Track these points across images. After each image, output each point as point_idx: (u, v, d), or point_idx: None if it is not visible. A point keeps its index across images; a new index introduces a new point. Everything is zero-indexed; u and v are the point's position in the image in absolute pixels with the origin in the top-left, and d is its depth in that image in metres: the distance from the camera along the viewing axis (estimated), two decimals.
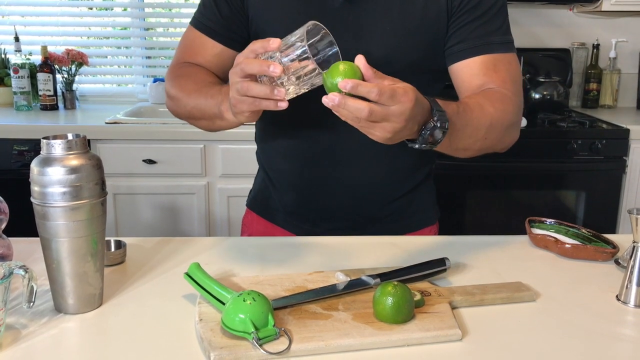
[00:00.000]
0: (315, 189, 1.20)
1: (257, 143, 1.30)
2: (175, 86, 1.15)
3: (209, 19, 1.16)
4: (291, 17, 1.08)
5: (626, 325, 0.85)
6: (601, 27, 2.95)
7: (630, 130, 2.45)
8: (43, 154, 0.80)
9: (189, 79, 1.14)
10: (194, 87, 1.10)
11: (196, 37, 1.18)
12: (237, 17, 1.15)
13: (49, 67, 2.63)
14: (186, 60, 1.19)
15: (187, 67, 1.17)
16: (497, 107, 1.02)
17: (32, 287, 0.79)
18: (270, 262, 1.04)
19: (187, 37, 1.21)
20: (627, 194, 2.50)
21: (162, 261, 1.03)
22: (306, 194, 1.21)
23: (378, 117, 0.78)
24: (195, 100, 1.09)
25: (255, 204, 1.32)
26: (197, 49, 1.18)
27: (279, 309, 0.81)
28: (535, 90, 2.73)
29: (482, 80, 1.08)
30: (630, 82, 3.00)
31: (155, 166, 2.32)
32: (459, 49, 1.09)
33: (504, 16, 1.11)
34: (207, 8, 1.17)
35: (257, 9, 1.13)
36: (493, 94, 1.05)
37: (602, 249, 1.06)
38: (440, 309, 0.83)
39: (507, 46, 1.10)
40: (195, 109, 1.09)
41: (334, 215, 1.22)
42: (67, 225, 0.80)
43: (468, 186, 2.48)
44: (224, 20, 1.15)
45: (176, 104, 1.15)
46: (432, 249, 1.08)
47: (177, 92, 1.14)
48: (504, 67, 1.09)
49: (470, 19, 1.08)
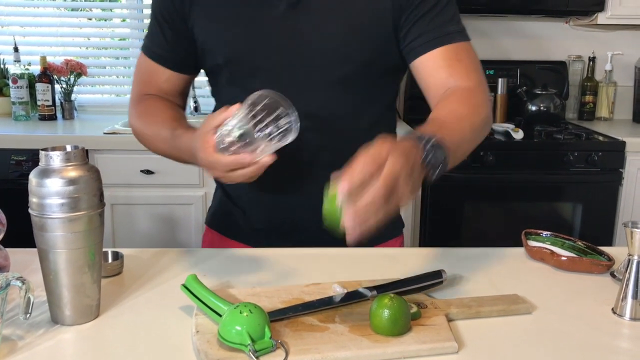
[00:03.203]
0: (277, 204, 1.18)
1: None
2: (141, 127, 1.18)
3: (156, 45, 1.17)
4: (235, 30, 1.09)
5: (622, 338, 0.85)
6: (597, 40, 2.98)
7: (627, 142, 2.47)
8: (41, 166, 0.81)
9: (152, 120, 1.15)
10: (160, 136, 1.12)
11: (148, 64, 1.19)
12: (181, 40, 1.15)
13: (47, 77, 2.64)
14: (144, 92, 1.20)
15: (147, 103, 1.18)
16: (471, 110, 1.01)
17: (29, 299, 0.79)
18: (267, 273, 1.04)
19: (139, 65, 1.22)
20: (623, 206, 2.51)
21: (159, 272, 1.03)
22: (268, 209, 1.20)
23: (389, 183, 0.73)
24: (162, 147, 1.13)
25: (214, 222, 1.31)
26: (149, 77, 1.19)
27: (275, 321, 0.81)
28: (532, 102, 2.74)
29: (447, 72, 1.06)
30: (626, 95, 3.02)
31: (153, 177, 2.32)
32: (418, 44, 1.07)
33: (454, 5, 1.11)
34: (153, 34, 1.17)
35: (200, 26, 1.12)
36: (461, 95, 1.04)
37: (598, 261, 1.06)
38: (437, 321, 0.84)
39: (464, 34, 1.10)
40: (166, 153, 1.14)
41: (297, 229, 1.18)
42: (65, 236, 0.80)
43: (464, 198, 2.49)
44: (169, 45, 1.16)
45: (146, 144, 1.19)
46: (428, 261, 1.09)
47: (144, 133, 1.17)
48: (465, 56, 1.09)
49: (424, 11, 1.07)
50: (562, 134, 2.50)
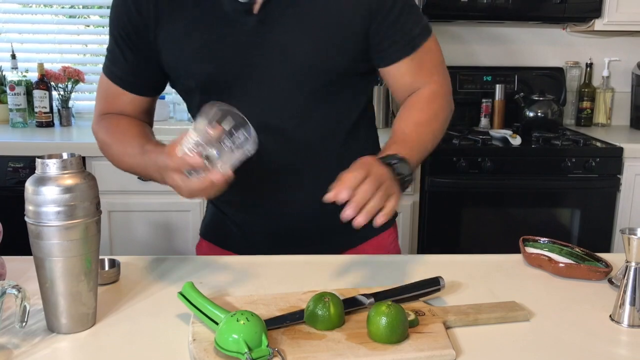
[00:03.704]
0: (267, 214, 1.18)
1: None
2: (108, 142, 1.17)
3: (117, 67, 1.15)
4: (205, 53, 1.07)
5: (620, 345, 0.85)
6: (594, 46, 2.98)
7: (624, 148, 2.47)
8: (38, 174, 0.80)
9: (119, 138, 1.14)
10: (127, 152, 1.12)
11: (109, 86, 1.17)
12: (144, 62, 1.13)
13: (45, 84, 2.64)
14: (105, 111, 1.18)
15: (113, 120, 1.17)
16: (431, 117, 1.13)
17: (25, 307, 0.78)
18: (264, 281, 1.03)
19: (101, 85, 1.19)
20: (621, 212, 2.51)
21: (156, 280, 1.03)
22: (259, 219, 1.19)
23: (375, 182, 0.88)
24: (129, 162, 1.13)
25: (208, 233, 1.31)
26: (112, 98, 1.17)
27: (272, 329, 0.81)
28: (530, 108, 2.75)
29: (411, 78, 1.15)
30: (623, 101, 3.02)
31: (150, 183, 2.29)
32: (386, 54, 1.12)
33: (416, 4, 1.16)
34: (114, 55, 1.15)
35: (168, 52, 1.10)
36: (423, 103, 1.14)
37: (596, 268, 1.06)
38: (434, 328, 0.83)
39: (426, 31, 1.14)
40: (132, 169, 1.14)
41: (291, 237, 1.19)
42: (61, 244, 0.80)
43: (462, 204, 2.49)
44: (130, 68, 1.14)
45: (111, 159, 1.19)
46: (426, 268, 1.08)
47: (111, 149, 1.17)
48: (427, 58, 1.15)
49: (391, 19, 1.09)
50: (559, 140, 2.50)
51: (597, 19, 2.68)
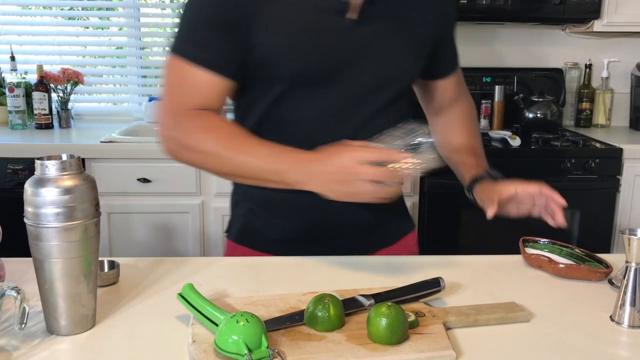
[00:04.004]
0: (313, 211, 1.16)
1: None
2: (205, 140, 1.05)
3: (209, 52, 1.06)
4: (302, 41, 1.06)
5: (620, 345, 0.85)
6: (593, 48, 2.99)
7: (624, 149, 2.47)
8: (37, 175, 0.80)
9: (220, 133, 1.06)
10: (233, 144, 1.05)
11: (196, 75, 1.06)
12: (236, 48, 1.06)
13: (44, 86, 2.64)
14: (186, 106, 1.07)
15: (208, 118, 1.07)
16: (477, 124, 1.38)
17: (24, 309, 0.78)
18: (264, 282, 1.03)
19: (181, 77, 1.08)
20: (620, 212, 2.51)
21: (155, 282, 1.03)
22: (304, 217, 1.18)
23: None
24: (238, 158, 1.04)
25: (242, 237, 1.25)
26: (198, 89, 1.07)
27: (272, 330, 0.81)
28: (529, 109, 2.75)
29: (455, 93, 1.31)
30: (622, 102, 3.02)
31: (150, 185, 2.32)
32: (441, 67, 1.26)
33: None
34: (204, 40, 1.06)
35: (263, 37, 1.05)
36: (472, 116, 1.35)
37: (596, 268, 1.06)
38: (435, 329, 0.83)
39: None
40: (240, 168, 1.05)
41: (326, 233, 1.19)
42: (61, 246, 0.80)
43: (462, 205, 2.49)
44: (225, 54, 1.06)
45: (206, 159, 1.07)
46: (426, 269, 1.08)
47: (209, 147, 1.05)
48: (463, 77, 1.33)
49: (450, 37, 1.24)
50: (559, 141, 2.51)
51: (596, 20, 2.68)
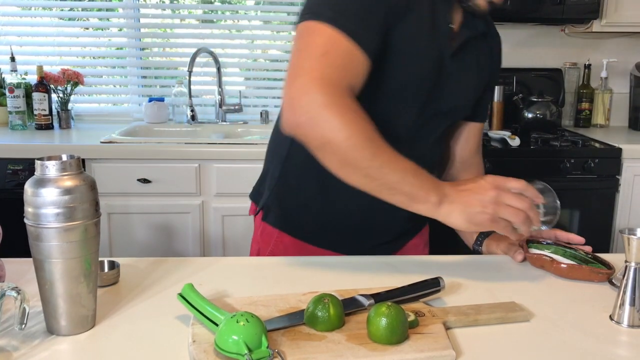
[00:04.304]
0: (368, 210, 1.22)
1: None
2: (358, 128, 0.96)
3: (370, 36, 1.01)
4: (423, 54, 1.11)
5: (620, 345, 0.85)
6: (592, 48, 2.99)
7: (623, 149, 2.47)
8: (37, 175, 0.80)
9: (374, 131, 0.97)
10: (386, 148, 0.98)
11: (353, 54, 0.99)
12: (380, 42, 1.04)
13: (44, 86, 2.64)
14: (338, 83, 0.97)
15: (358, 106, 0.99)
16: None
17: (24, 309, 0.78)
18: (264, 282, 1.03)
19: (339, 50, 0.98)
20: (620, 212, 2.51)
21: (155, 282, 1.03)
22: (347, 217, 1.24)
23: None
24: (396, 174, 0.97)
25: (284, 224, 1.27)
26: (351, 68, 1.00)
27: (272, 330, 0.81)
28: (528, 109, 2.75)
29: (476, 145, 1.38)
30: (621, 102, 3.03)
31: (150, 185, 2.32)
32: (477, 112, 1.33)
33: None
34: (369, 22, 1.01)
35: (399, 39, 1.07)
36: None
37: (598, 269, 1.06)
38: (434, 329, 0.83)
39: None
40: (395, 181, 0.97)
41: (373, 230, 1.27)
42: (61, 246, 0.80)
43: None
44: (376, 44, 1.03)
45: (352, 148, 0.95)
46: (426, 269, 1.08)
47: (361, 140, 0.95)
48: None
49: (490, 88, 1.35)
50: (558, 141, 2.51)
51: (596, 20, 2.68)
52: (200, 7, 2.97)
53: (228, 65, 2.94)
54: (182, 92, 2.83)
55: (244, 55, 2.97)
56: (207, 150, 2.30)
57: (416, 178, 0.98)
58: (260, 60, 3.02)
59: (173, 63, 3.00)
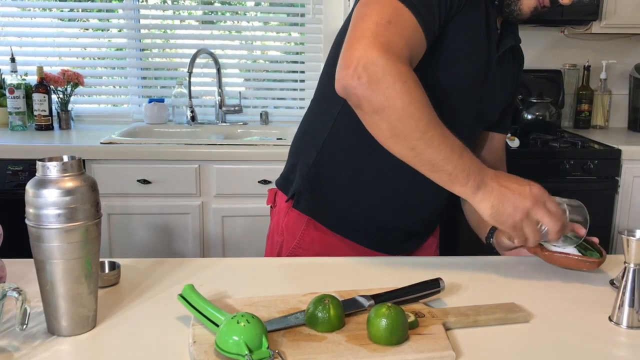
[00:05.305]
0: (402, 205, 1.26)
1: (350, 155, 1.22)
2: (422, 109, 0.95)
3: (431, 19, 1.02)
4: (470, 58, 1.13)
5: (619, 346, 0.85)
6: (592, 49, 2.99)
7: (622, 150, 2.47)
8: (38, 176, 0.81)
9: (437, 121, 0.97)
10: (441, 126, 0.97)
11: (416, 32, 1.00)
12: (438, 29, 1.05)
13: (44, 87, 2.64)
14: (408, 55, 0.98)
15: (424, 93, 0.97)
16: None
17: (25, 309, 0.79)
18: (264, 283, 1.04)
19: (407, 26, 0.99)
20: (619, 214, 2.52)
21: (156, 282, 1.03)
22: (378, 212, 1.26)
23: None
24: (443, 152, 0.96)
25: (318, 212, 1.27)
26: (415, 45, 1.00)
27: (273, 331, 0.81)
28: (528, 111, 2.75)
29: (500, 156, 1.38)
30: (621, 103, 3.03)
31: (150, 186, 2.32)
32: (502, 124, 1.34)
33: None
34: (432, 7, 1.02)
35: (457, 31, 1.08)
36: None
37: (586, 258, 1.07)
38: (434, 330, 0.84)
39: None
40: (440, 158, 0.96)
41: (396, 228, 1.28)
42: (62, 247, 0.80)
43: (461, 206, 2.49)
44: (438, 24, 1.04)
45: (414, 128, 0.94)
46: (426, 270, 1.09)
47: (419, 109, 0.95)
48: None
49: (515, 95, 1.35)
50: (558, 142, 2.51)
51: (595, 22, 2.68)
52: (200, 8, 2.97)
53: (228, 66, 2.95)
54: (182, 93, 2.83)
55: (244, 56, 2.97)
56: (207, 151, 2.31)
57: (462, 159, 0.97)
58: (260, 61, 3.02)
59: (173, 64, 3.00)
